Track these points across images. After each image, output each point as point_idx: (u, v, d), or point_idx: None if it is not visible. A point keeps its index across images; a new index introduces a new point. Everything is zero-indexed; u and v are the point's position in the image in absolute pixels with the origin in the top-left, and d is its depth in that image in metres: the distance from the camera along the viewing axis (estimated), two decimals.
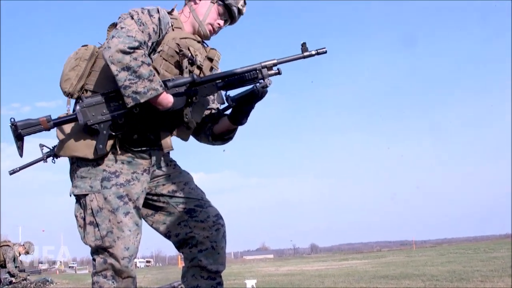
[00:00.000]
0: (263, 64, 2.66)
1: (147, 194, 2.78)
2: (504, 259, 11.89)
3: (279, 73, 2.69)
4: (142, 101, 2.47)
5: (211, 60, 2.91)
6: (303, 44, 2.69)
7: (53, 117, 2.57)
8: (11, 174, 3.60)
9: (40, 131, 2.50)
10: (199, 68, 2.82)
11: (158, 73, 2.65)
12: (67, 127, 2.65)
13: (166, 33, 2.72)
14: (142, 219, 2.79)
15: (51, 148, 3.33)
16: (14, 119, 2.48)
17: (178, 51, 2.74)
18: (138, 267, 61.87)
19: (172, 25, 2.77)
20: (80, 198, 2.68)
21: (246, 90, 2.68)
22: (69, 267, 67.43)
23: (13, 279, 13.92)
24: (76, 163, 2.70)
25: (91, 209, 2.62)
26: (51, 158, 3.34)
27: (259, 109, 2.85)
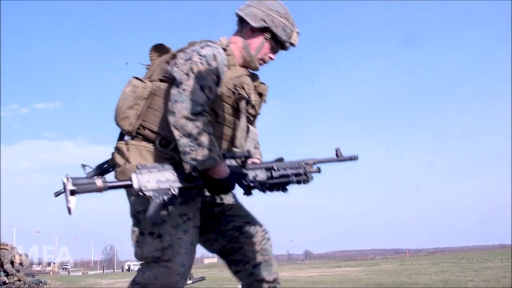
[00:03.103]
0: (305, 161, 2.86)
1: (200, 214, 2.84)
2: (497, 269, 11.91)
3: (319, 171, 2.91)
4: (199, 169, 2.53)
5: (260, 95, 2.99)
6: (337, 150, 2.97)
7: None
8: (56, 196, 3.56)
9: (94, 191, 2.50)
10: (253, 107, 2.90)
11: (217, 115, 2.74)
12: (133, 157, 2.73)
13: None
14: None
15: (94, 168, 3.34)
16: (68, 175, 2.46)
17: (234, 91, 2.81)
18: (132, 270, 61.76)
19: (228, 64, 2.80)
20: (140, 214, 2.70)
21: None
22: (63, 268, 67.23)
23: (7, 279, 13.90)
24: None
25: (155, 221, 2.62)
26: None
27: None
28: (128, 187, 2.58)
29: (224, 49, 2.83)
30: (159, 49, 2.95)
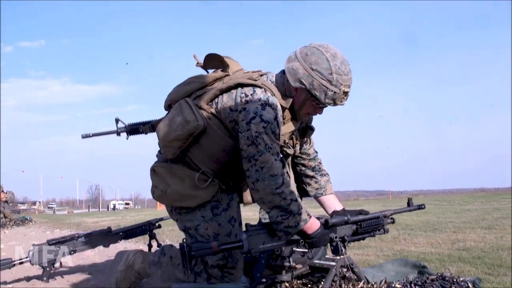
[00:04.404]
0: (384, 214, 3.02)
1: None
2: (477, 211, 12.11)
3: (393, 222, 3.11)
4: (293, 233, 2.65)
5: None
6: (409, 199, 3.28)
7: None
8: (83, 137, 3.57)
9: (209, 254, 2.64)
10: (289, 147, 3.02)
11: None
12: (174, 183, 2.89)
13: None
14: None
15: (126, 124, 3.37)
16: (187, 244, 2.62)
17: (283, 144, 2.95)
18: (117, 209, 62.39)
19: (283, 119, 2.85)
20: (190, 229, 2.94)
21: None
22: (48, 207, 67.62)
23: None
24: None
25: (208, 236, 2.89)
26: (126, 134, 3.45)
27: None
28: (239, 248, 2.67)
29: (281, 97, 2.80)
30: (214, 60, 2.99)
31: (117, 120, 3.40)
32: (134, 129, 3.38)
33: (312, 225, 2.68)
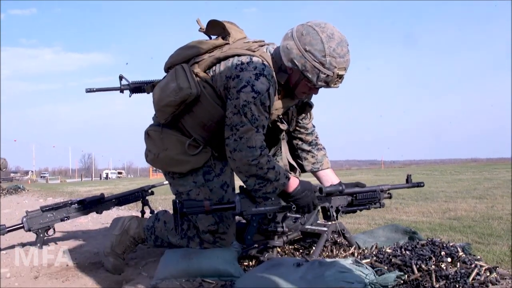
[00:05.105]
0: (381, 188, 3.07)
1: None
2: (468, 181, 12.21)
3: (390, 197, 3.16)
4: (273, 198, 2.67)
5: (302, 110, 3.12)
6: (408, 176, 3.29)
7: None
8: (87, 92, 3.55)
9: (201, 213, 2.67)
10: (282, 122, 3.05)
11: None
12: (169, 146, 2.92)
13: None
14: None
15: (129, 82, 3.37)
16: (179, 201, 2.62)
17: (277, 119, 2.99)
18: (110, 178, 62.48)
19: (276, 94, 2.82)
20: (182, 194, 2.97)
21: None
22: (41, 177, 67.58)
23: None
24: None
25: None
26: (129, 92, 3.43)
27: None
28: (231, 209, 2.72)
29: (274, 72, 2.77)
30: (216, 27, 2.96)
31: (121, 78, 3.40)
32: (137, 88, 3.38)
33: (291, 184, 2.70)
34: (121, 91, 3.42)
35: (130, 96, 3.39)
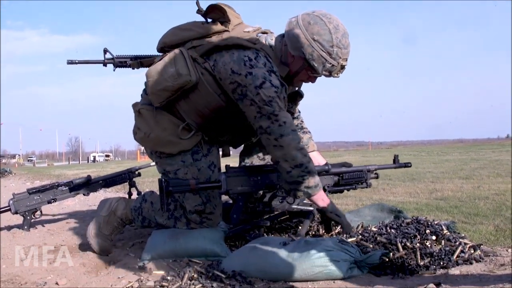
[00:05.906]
0: (368, 168, 3.11)
1: None
2: (455, 162, 12.29)
3: (377, 177, 3.19)
4: (313, 195, 2.66)
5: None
6: (395, 156, 3.29)
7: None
8: (68, 63, 3.48)
9: (187, 191, 2.69)
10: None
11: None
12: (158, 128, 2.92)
13: None
14: None
15: (114, 56, 3.31)
16: (165, 180, 2.66)
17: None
18: (97, 161, 62.32)
19: None
20: (170, 173, 2.96)
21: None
22: (28, 160, 67.30)
23: None
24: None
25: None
26: (113, 66, 3.38)
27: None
28: (217, 188, 2.75)
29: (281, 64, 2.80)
30: (216, 11, 2.91)
31: (105, 51, 3.34)
32: (121, 62, 3.33)
33: (323, 195, 2.78)
34: (105, 65, 3.38)
35: (114, 70, 3.33)
